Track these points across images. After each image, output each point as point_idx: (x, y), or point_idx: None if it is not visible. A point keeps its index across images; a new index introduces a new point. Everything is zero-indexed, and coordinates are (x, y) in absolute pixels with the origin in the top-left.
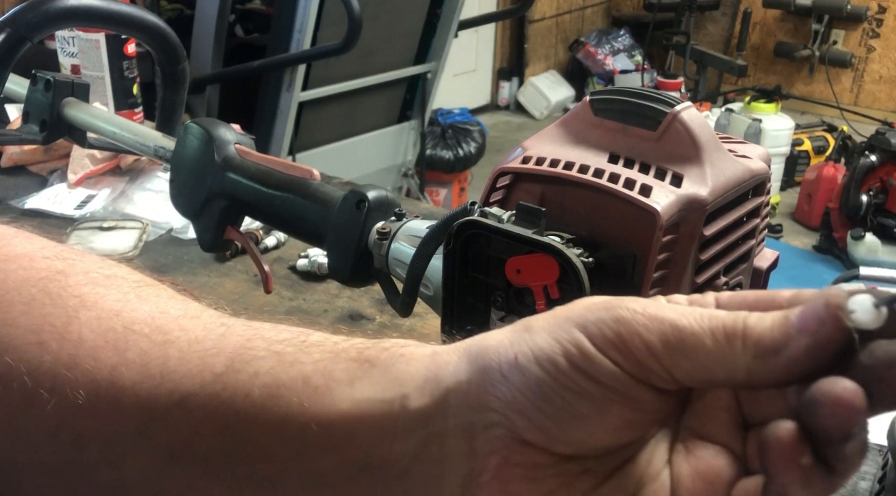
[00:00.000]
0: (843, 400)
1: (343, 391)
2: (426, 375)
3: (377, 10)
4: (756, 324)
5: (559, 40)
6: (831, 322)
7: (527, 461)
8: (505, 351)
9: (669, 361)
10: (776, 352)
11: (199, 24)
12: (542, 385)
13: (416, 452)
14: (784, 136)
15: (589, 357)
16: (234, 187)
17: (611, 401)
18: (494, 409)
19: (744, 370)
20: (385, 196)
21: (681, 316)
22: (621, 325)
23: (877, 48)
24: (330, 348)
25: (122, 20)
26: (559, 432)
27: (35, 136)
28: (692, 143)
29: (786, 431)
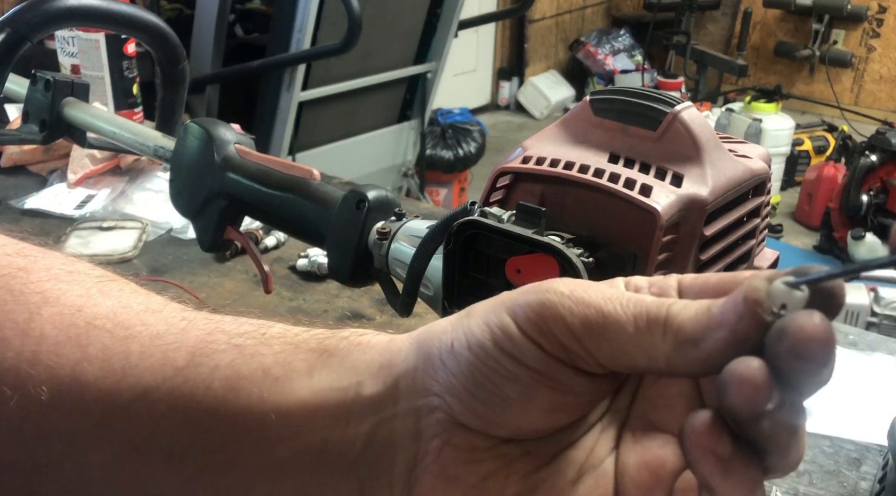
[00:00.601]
0: (746, 378)
1: (302, 381)
2: (380, 362)
3: (377, 10)
4: (678, 313)
5: (559, 40)
6: (749, 316)
7: (465, 444)
8: (445, 337)
9: (592, 345)
10: (695, 343)
11: (198, 23)
12: (473, 369)
13: (368, 436)
14: (784, 136)
15: (514, 340)
16: (234, 187)
17: (537, 383)
18: (435, 393)
19: (663, 358)
20: (385, 196)
21: (607, 300)
22: (546, 309)
23: (877, 48)
24: (290, 340)
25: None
26: (492, 415)
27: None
28: (692, 142)
29: (700, 420)
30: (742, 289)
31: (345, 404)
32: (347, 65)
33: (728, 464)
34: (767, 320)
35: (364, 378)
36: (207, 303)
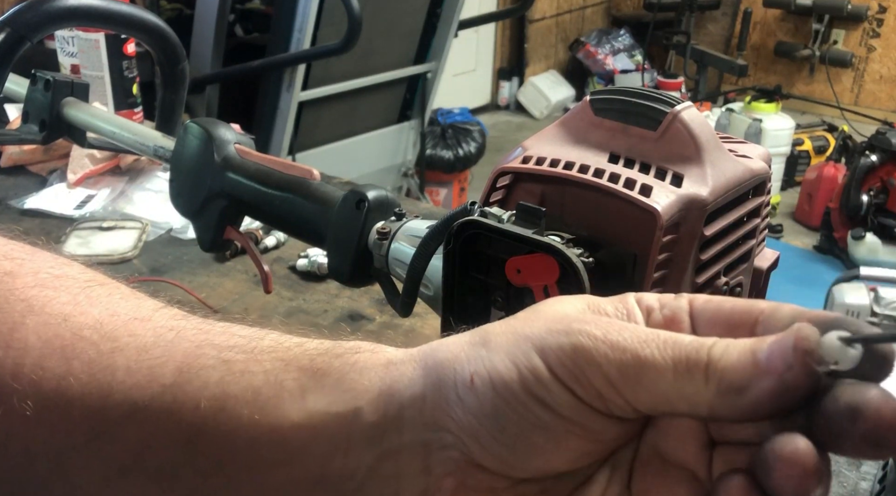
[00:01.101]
0: (796, 461)
1: (294, 403)
2: (380, 388)
3: (377, 10)
4: (720, 358)
5: (559, 40)
6: (799, 366)
7: (482, 485)
8: (461, 368)
9: (630, 393)
10: (740, 391)
11: (198, 23)
12: (497, 412)
13: (370, 468)
14: (784, 136)
15: (546, 386)
16: (234, 187)
17: (568, 432)
18: (449, 430)
19: (706, 405)
20: (385, 196)
21: (643, 344)
22: (580, 355)
23: (877, 48)
24: (281, 356)
25: (122, 20)
26: (514, 460)
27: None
28: (692, 142)
29: (735, 488)
30: (790, 335)
31: (343, 431)
32: (347, 65)
33: None
34: (817, 371)
35: (363, 403)
36: (207, 303)
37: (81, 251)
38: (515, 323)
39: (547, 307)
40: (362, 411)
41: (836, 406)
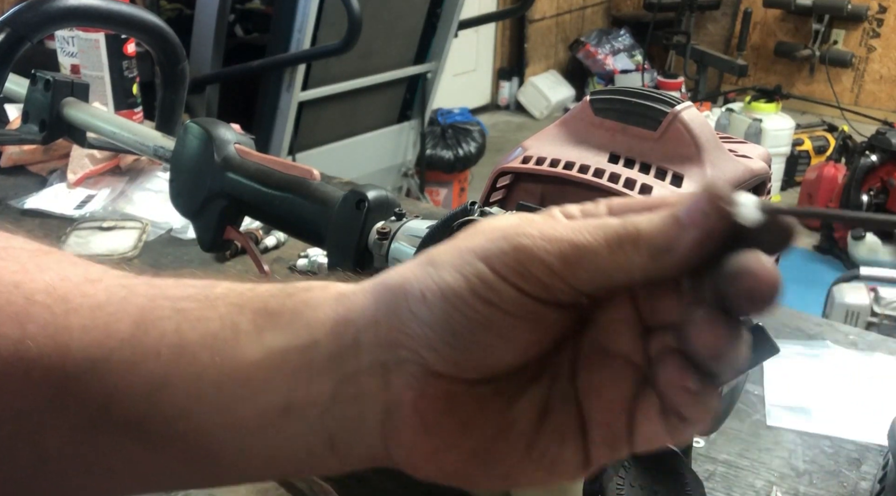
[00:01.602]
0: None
1: (252, 342)
2: (335, 318)
3: (377, 10)
4: (647, 226)
5: (559, 40)
6: (714, 213)
7: (441, 392)
8: (412, 287)
9: (571, 276)
10: (669, 249)
11: (198, 23)
12: (449, 319)
13: (333, 393)
14: (784, 136)
15: (493, 286)
16: (234, 187)
17: (515, 326)
18: (405, 346)
19: (640, 270)
20: (385, 196)
21: (576, 232)
22: (521, 253)
23: (877, 48)
24: (234, 300)
25: (122, 20)
26: (469, 361)
27: (34, 136)
28: (692, 142)
29: (672, 364)
30: (703, 191)
31: (304, 363)
32: (347, 65)
33: (697, 395)
34: (731, 212)
35: (319, 336)
36: None
37: (81, 251)
38: (457, 241)
39: (483, 224)
40: (319, 343)
41: (726, 269)
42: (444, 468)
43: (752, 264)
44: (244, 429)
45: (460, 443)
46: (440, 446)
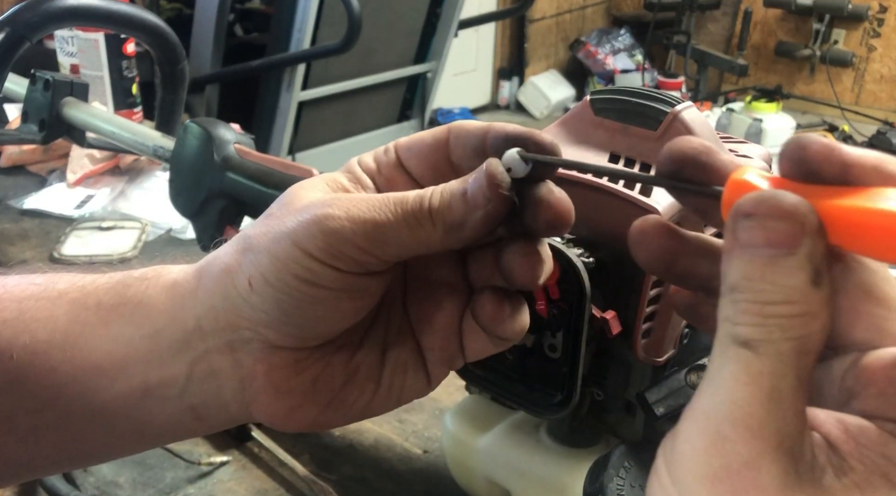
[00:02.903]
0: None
1: (101, 336)
2: (173, 307)
3: (377, 10)
4: (439, 205)
5: (559, 40)
6: (495, 198)
7: (287, 361)
8: (237, 276)
9: (379, 251)
10: (461, 226)
11: (198, 23)
12: (278, 302)
13: (187, 373)
14: (785, 136)
15: (311, 269)
16: (234, 187)
17: (339, 298)
18: (245, 328)
19: (438, 243)
20: None
21: (378, 211)
22: (331, 236)
23: (878, 48)
24: (77, 296)
25: (122, 20)
26: (305, 334)
27: (34, 136)
28: None
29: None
30: (482, 174)
31: (152, 350)
32: (347, 64)
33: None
34: (508, 195)
35: (160, 325)
36: None
37: (81, 251)
38: (270, 221)
39: (292, 198)
40: (162, 331)
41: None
42: (304, 420)
43: (548, 198)
44: (108, 412)
45: (313, 398)
46: (295, 405)
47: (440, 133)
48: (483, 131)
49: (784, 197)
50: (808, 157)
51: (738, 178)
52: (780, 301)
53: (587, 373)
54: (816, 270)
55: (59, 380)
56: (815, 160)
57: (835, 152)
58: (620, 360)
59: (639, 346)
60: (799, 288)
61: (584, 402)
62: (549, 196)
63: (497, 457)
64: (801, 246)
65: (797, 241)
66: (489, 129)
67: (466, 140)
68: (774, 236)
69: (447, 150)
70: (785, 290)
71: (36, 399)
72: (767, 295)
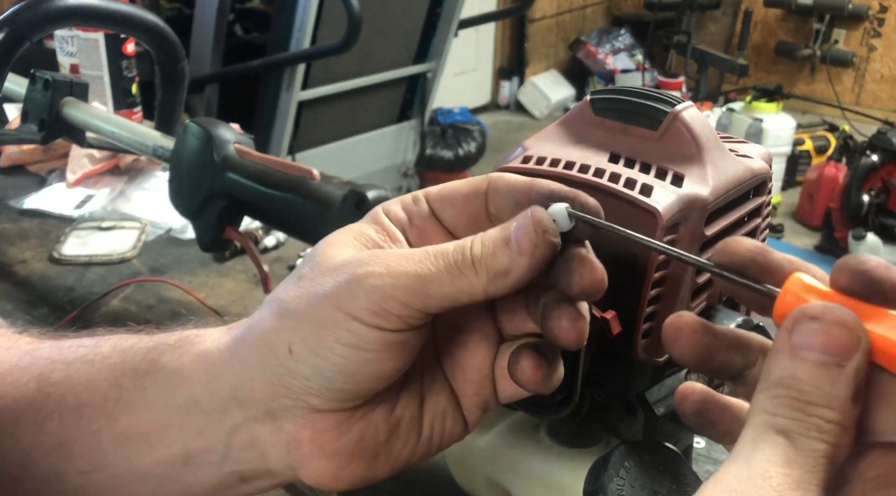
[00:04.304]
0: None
1: (137, 399)
2: (206, 379)
3: (377, 10)
4: (482, 254)
5: (559, 39)
6: (542, 243)
7: (331, 423)
8: (277, 344)
9: (421, 305)
10: (506, 274)
11: (198, 23)
12: (320, 369)
13: (228, 442)
14: (785, 136)
15: (355, 333)
16: (234, 187)
17: (382, 359)
18: (286, 396)
19: (482, 292)
20: (385, 196)
21: (419, 264)
22: (374, 295)
23: (878, 47)
24: (116, 359)
25: (122, 19)
26: (348, 396)
27: (34, 136)
28: (693, 142)
29: (525, 360)
30: (528, 220)
31: (189, 418)
32: (347, 64)
33: (547, 377)
34: (555, 242)
35: (197, 393)
36: (207, 303)
37: (81, 251)
38: (304, 284)
39: (323, 257)
40: (199, 401)
41: (558, 264)
42: (352, 478)
43: (583, 266)
44: (152, 476)
45: (360, 456)
46: (343, 464)
47: (478, 183)
48: (527, 186)
49: (849, 312)
50: (869, 273)
51: (798, 282)
52: (822, 404)
53: (587, 373)
54: (858, 388)
55: (103, 445)
56: (877, 278)
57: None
58: (620, 360)
59: (639, 346)
60: (841, 399)
61: (584, 402)
62: (588, 257)
63: (497, 457)
64: (852, 360)
65: (850, 354)
66: (533, 184)
67: (508, 193)
68: (833, 344)
69: (485, 201)
70: (828, 397)
71: (84, 461)
72: (811, 396)
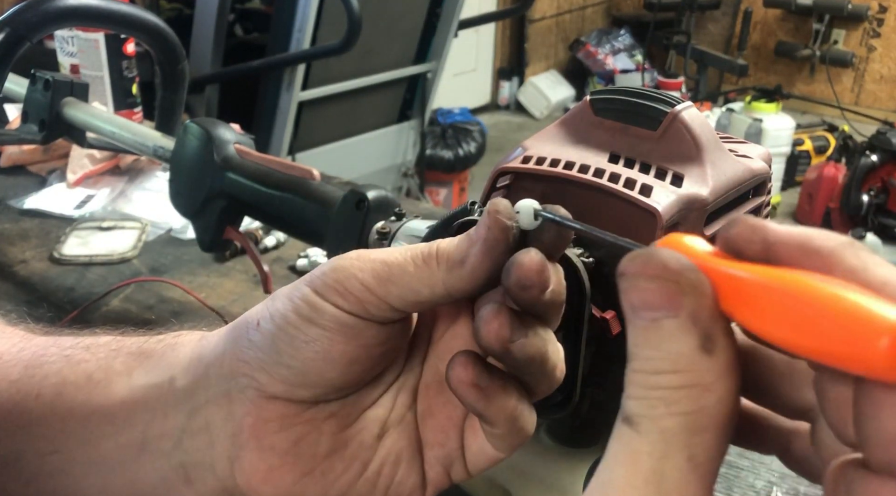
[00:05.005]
0: (491, 315)
1: (121, 381)
2: (191, 356)
3: (377, 10)
4: (446, 244)
5: (559, 40)
6: (494, 226)
7: (276, 414)
8: (251, 318)
9: (383, 291)
10: (461, 262)
11: (198, 23)
12: (276, 340)
13: (184, 426)
14: (785, 136)
15: (313, 305)
16: (234, 187)
17: (333, 340)
18: (244, 373)
19: (441, 284)
20: (385, 196)
21: (389, 253)
22: (339, 272)
23: (877, 48)
24: (114, 346)
25: (122, 20)
26: (294, 378)
27: (34, 136)
28: (693, 142)
29: (458, 359)
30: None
31: (160, 399)
32: (347, 64)
33: (487, 391)
34: (509, 224)
35: (176, 372)
36: (207, 303)
37: (81, 251)
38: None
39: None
40: (175, 378)
41: (504, 272)
42: (280, 485)
43: (520, 257)
44: (105, 464)
45: (293, 461)
46: (274, 464)
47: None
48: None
49: (657, 253)
50: (732, 235)
51: (675, 241)
52: (666, 370)
53: (587, 373)
54: (706, 334)
55: (71, 424)
56: (738, 238)
57: (758, 230)
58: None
59: None
60: (685, 354)
61: (584, 402)
62: (528, 251)
63: None
64: (681, 307)
65: (676, 302)
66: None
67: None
68: (650, 297)
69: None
70: (670, 358)
71: (46, 441)
72: (654, 363)
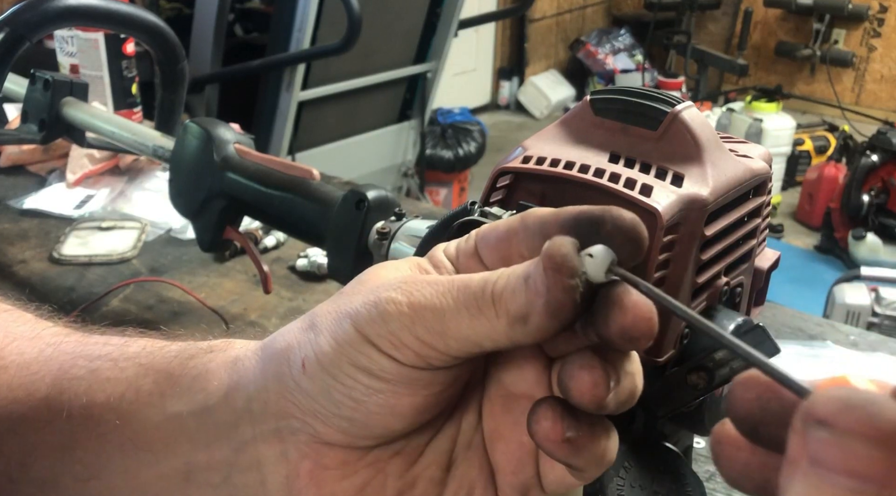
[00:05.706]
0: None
1: (154, 406)
2: (228, 385)
3: (377, 10)
4: (503, 292)
5: (559, 39)
6: (555, 286)
7: (336, 461)
8: (294, 356)
9: (440, 344)
10: (525, 318)
11: (198, 23)
12: (331, 390)
13: (232, 460)
14: (785, 136)
15: (367, 355)
16: (234, 187)
17: (397, 393)
18: (295, 416)
19: (505, 337)
20: (385, 196)
21: (440, 297)
22: (392, 324)
23: (878, 48)
24: (143, 361)
25: (121, 19)
26: (356, 430)
27: (34, 136)
28: (693, 142)
29: (542, 416)
30: (544, 256)
31: (200, 429)
32: (347, 64)
33: (577, 443)
34: (571, 284)
35: (213, 402)
36: (207, 303)
37: (80, 251)
38: (340, 299)
39: (370, 276)
40: (214, 409)
41: (599, 305)
42: None
43: (623, 300)
44: (148, 492)
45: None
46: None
47: (513, 221)
48: (553, 214)
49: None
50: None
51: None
52: None
53: None
54: None
55: (107, 450)
56: None
57: None
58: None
59: None
60: None
61: None
62: (623, 297)
63: None
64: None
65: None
66: (560, 210)
67: (537, 226)
68: (860, 466)
69: (518, 241)
70: None
71: (85, 466)
72: None
